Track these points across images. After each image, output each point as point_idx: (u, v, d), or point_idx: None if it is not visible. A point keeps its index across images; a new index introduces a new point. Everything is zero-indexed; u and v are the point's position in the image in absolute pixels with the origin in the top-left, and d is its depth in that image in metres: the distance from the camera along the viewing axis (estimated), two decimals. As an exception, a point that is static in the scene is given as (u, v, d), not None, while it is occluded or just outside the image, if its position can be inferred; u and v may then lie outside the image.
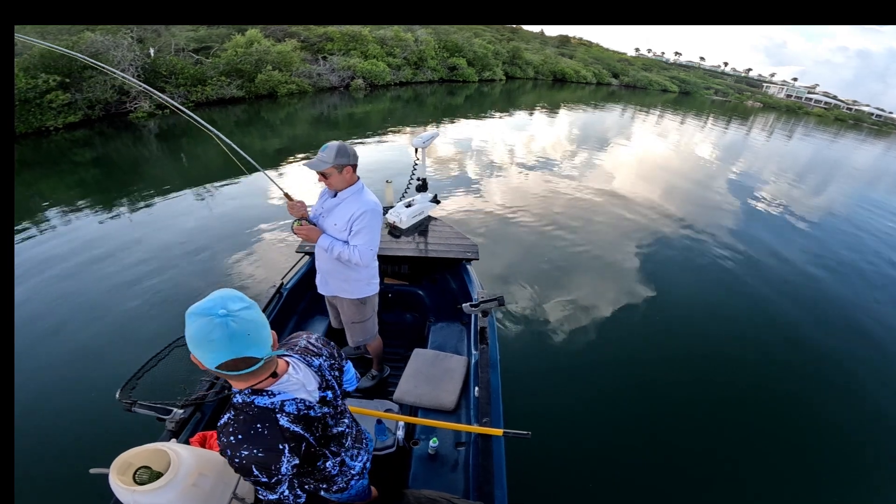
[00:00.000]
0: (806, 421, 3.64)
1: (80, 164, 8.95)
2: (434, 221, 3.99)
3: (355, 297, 2.46)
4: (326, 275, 2.46)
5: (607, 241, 6.56)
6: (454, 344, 3.04)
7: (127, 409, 1.89)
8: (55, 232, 5.87)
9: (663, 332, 4.55)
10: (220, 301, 0.97)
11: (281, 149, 10.77)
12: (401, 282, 3.71)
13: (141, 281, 4.77)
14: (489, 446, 1.96)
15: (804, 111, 57.59)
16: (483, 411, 2.12)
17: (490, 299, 2.58)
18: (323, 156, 2.07)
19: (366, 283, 2.45)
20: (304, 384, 1.19)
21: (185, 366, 2.08)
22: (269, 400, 1.10)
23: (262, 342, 1.01)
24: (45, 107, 10.65)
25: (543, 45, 50.85)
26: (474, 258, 3.42)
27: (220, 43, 17.43)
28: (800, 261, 6.61)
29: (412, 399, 2.51)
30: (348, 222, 2.18)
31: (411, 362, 2.75)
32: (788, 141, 24.10)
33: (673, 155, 14.40)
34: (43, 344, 3.78)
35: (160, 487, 1.35)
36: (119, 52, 12.71)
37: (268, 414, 1.09)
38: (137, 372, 2.01)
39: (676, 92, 51.06)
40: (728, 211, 8.76)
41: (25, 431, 2.76)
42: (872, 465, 3.32)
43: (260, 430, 1.07)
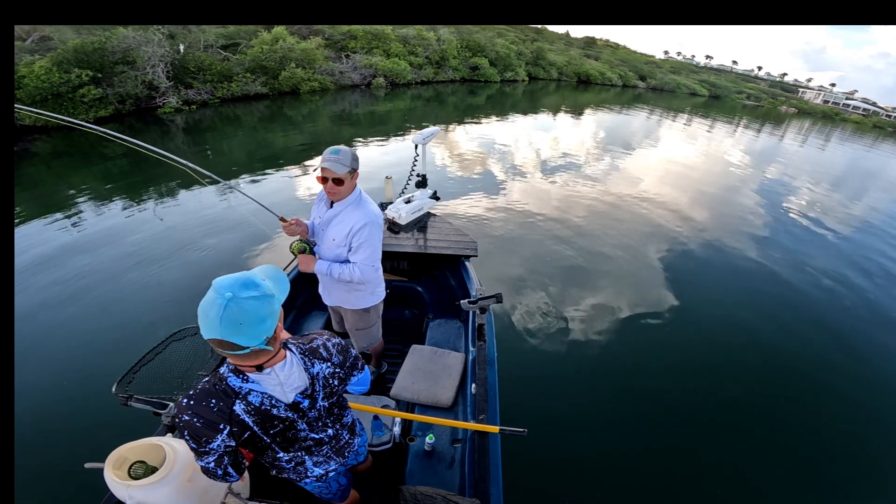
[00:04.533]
0: (822, 446, 3.47)
1: (108, 157, 9.26)
2: (433, 218, 3.99)
3: (359, 307, 2.38)
4: (328, 286, 2.36)
5: (618, 245, 6.43)
6: (452, 341, 3.02)
7: (123, 403, 1.89)
8: (70, 222, 6.03)
9: (666, 337, 4.46)
10: (236, 283, 1.03)
11: (303, 145, 10.93)
12: (399, 278, 3.71)
13: (144, 274, 4.79)
14: (485, 443, 1.95)
15: (841, 117, 55.36)
16: (480, 408, 2.12)
17: (488, 296, 2.56)
18: (341, 158, 1.91)
19: (370, 293, 2.35)
20: (283, 384, 1.20)
21: (182, 360, 2.13)
22: (240, 384, 1.15)
23: (253, 334, 1.04)
24: (78, 101, 11.05)
25: (568, 46, 50.33)
26: (473, 255, 3.40)
27: (247, 39, 17.82)
28: (826, 276, 6.30)
29: (409, 395, 2.50)
30: (347, 237, 2.04)
31: (409, 358, 2.75)
32: (823, 148, 23.15)
33: (699, 160, 14.01)
34: (41, 337, 3.79)
35: (155, 482, 1.36)
36: (150, 48, 13.09)
37: (229, 396, 1.14)
38: (134, 366, 2.02)
39: (706, 96, 49.80)
40: (753, 220, 8.46)
41: (19, 424, 2.76)
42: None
43: (213, 405, 1.12)
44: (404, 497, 1.70)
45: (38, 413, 3.00)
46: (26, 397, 3.07)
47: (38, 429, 2.89)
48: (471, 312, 2.85)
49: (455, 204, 7.35)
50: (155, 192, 7.33)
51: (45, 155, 9.33)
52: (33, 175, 8.09)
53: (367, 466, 2.08)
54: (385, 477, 2.20)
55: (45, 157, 9.25)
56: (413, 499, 1.68)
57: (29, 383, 3.21)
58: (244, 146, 10.56)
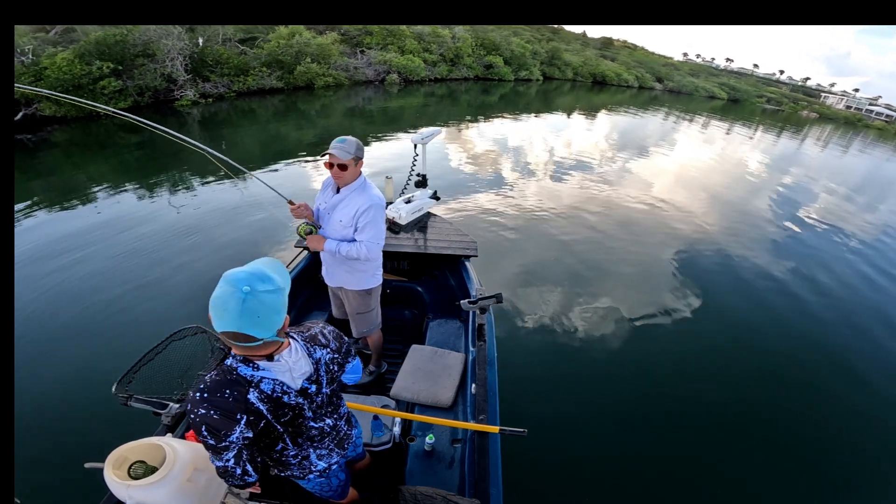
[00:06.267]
0: (829, 455, 3.41)
1: (125, 147, 9.44)
2: (433, 218, 3.98)
3: (360, 288, 2.48)
4: (331, 266, 2.48)
5: (625, 249, 6.37)
6: (452, 341, 3.02)
7: (123, 403, 1.88)
8: (79, 212, 6.12)
9: (669, 341, 4.44)
10: (251, 277, 1.05)
11: (315, 139, 11.01)
12: (400, 278, 3.71)
13: (147, 270, 4.79)
14: (485, 443, 1.95)
15: (863, 123, 53.94)
16: (480, 408, 2.12)
17: (488, 296, 2.55)
18: (346, 146, 2.10)
19: (370, 275, 2.48)
20: (292, 369, 1.23)
21: (182, 360, 2.13)
22: (252, 372, 1.16)
23: (269, 326, 1.07)
24: (98, 93, 11.24)
25: (584, 46, 49.80)
26: (473, 255, 3.40)
27: (265, 34, 17.97)
28: (841, 285, 6.15)
29: (409, 395, 2.50)
30: (353, 218, 2.19)
31: (409, 358, 2.75)
32: (843, 155, 22.61)
33: (715, 164, 13.78)
34: (41, 335, 3.76)
35: (155, 482, 1.36)
36: (170, 41, 13.25)
37: (242, 385, 1.14)
38: (134, 366, 2.02)
39: (725, 99, 48.86)
40: (766, 226, 8.30)
41: (19, 424, 2.72)
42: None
43: (227, 395, 1.12)
44: (404, 497, 1.70)
45: (38, 413, 3.00)
46: (26, 397, 3.04)
47: (38, 429, 2.88)
48: (471, 312, 2.84)
49: (464, 202, 7.34)
50: (168, 182, 7.46)
51: (64, 144, 9.55)
52: (50, 162, 8.27)
53: (366, 464, 2.08)
54: (385, 477, 2.21)
55: (64, 145, 9.46)
56: (413, 499, 1.68)
57: (28, 383, 3.19)
58: (258, 139, 10.67)
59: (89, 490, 1.68)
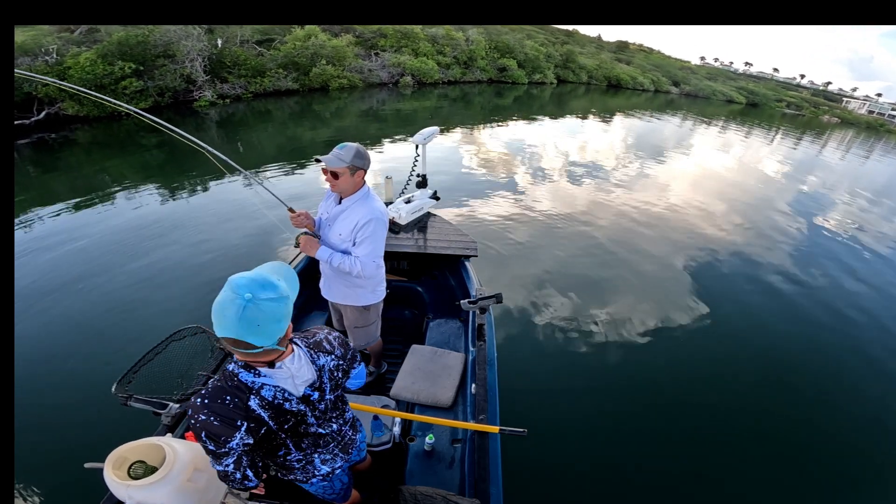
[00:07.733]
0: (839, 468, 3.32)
1: (145, 147, 9.65)
2: (433, 218, 3.98)
3: (359, 304, 2.38)
4: (330, 280, 2.37)
5: (635, 252, 6.29)
6: (452, 341, 3.03)
7: (123, 403, 1.88)
8: (96, 211, 6.24)
9: (672, 346, 4.37)
10: (254, 283, 1.03)
11: (330, 141, 11.12)
12: (399, 278, 3.71)
13: (150, 270, 4.82)
14: (485, 443, 1.96)
15: (886, 129, 52.37)
16: (480, 408, 2.12)
17: (488, 296, 2.55)
18: (341, 153, 1.95)
19: (370, 291, 2.36)
20: (294, 377, 1.21)
21: (182, 360, 2.14)
22: (253, 378, 1.14)
23: (269, 335, 1.05)
24: (119, 93, 11.49)
25: (599, 49, 49.38)
26: (473, 255, 3.39)
27: (282, 35, 18.23)
28: (861, 296, 5.99)
29: (409, 395, 2.51)
30: (352, 231, 2.06)
31: (409, 358, 2.75)
32: (865, 160, 22.02)
33: (732, 169, 13.53)
34: (40, 334, 3.77)
35: (155, 482, 1.36)
36: (189, 42, 13.52)
37: (243, 391, 1.13)
38: (134, 366, 2.02)
39: (743, 103, 47.92)
40: (783, 234, 8.11)
41: (19, 425, 2.74)
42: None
43: (227, 402, 1.11)
44: (404, 497, 1.70)
45: (38, 413, 2.99)
46: (25, 397, 3.03)
47: (38, 428, 2.88)
48: (471, 312, 2.85)
49: (473, 204, 7.34)
50: (184, 182, 7.60)
51: (85, 143, 9.81)
52: (71, 160, 8.50)
53: (367, 466, 2.08)
54: (385, 477, 2.20)
55: (85, 145, 9.72)
56: (413, 499, 1.69)
57: (28, 383, 3.18)
58: (273, 140, 10.82)
59: (89, 490, 1.68)
